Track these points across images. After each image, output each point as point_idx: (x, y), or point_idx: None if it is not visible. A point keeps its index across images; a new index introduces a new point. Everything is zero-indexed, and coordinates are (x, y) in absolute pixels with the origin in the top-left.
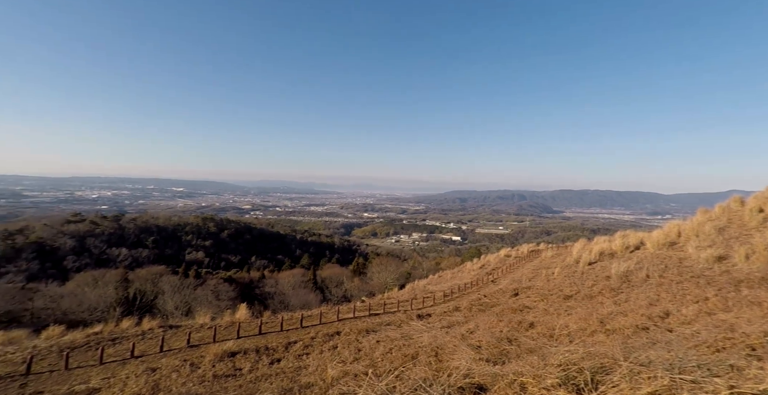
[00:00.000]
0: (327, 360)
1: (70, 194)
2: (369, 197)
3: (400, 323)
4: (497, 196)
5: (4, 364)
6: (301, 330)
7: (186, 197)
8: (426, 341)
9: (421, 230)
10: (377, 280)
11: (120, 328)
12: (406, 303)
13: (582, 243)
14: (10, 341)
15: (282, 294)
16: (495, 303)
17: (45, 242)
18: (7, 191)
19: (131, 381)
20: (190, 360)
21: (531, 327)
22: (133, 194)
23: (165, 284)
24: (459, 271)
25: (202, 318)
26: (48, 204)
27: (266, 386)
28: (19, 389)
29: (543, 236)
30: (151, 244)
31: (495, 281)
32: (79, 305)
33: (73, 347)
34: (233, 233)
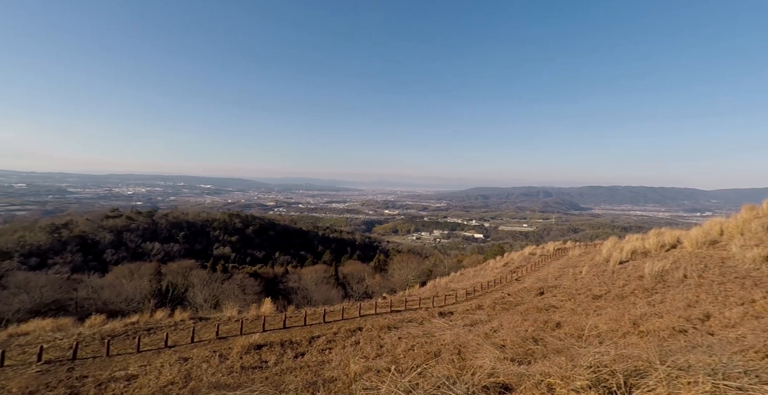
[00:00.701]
0: (350, 356)
1: (109, 190)
2: (390, 194)
3: (422, 320)
4: (521, 193)
5: (54, 349)
6: (324, 325)
7: (213, 193)
8: (448, 339)
9: (443, 227)
10: (398, 277)
11: (154, 319)
12: (427, 300)
13: (612, 241)
14: (59, 328)
15: (305, 290)
16: (519, 302)
17: (87, 236)
18: (54, 187)
19: (165, 369)
20: (219, 351)
21: (558, 326)
22: (165, 191)
23: (195, 278)
24: (481, 269)
25: (230, 311)
26: (89, 200)
27: (291, 378)
28: (67, 372)
29: (570, 233)
30: (181, 239)
31: (519, 280)
32: (117, 296)
33: (113, 335)
34: (258, 229)
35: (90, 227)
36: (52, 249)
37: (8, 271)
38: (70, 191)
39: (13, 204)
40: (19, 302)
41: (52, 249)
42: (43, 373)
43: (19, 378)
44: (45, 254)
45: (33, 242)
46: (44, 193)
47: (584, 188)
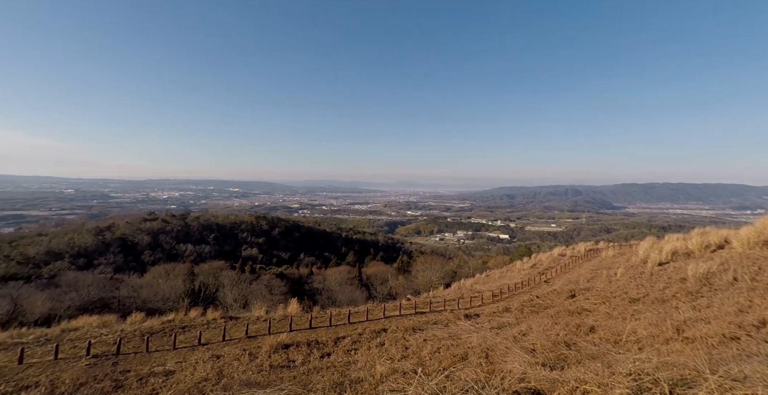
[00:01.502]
0: (375, 357)
1: (146, 195)
2: (412, 194)
3: (447, 322)
4: (548, 192)
5: (100, 344)
6: (349, 326)
7: (241, 196)
8: (475, 342)
9: (467, 228)
10: (422, 278)
11: (188, 317)
12: (452, 302)
13: (650, 241)
14: (104, 324)
15: (329, 290)
16: (549, 305)
17: (127, 238)
18: (98, 193)
19: (200, 366)
20: (249, 349)
21: (591, 331)
22: (196, 195)
23: (225, 279)
24: (508, 270)
25: (258, 311)
26: (129, 204)
27: (318, 378)
28: (112, 366)
29: (602, 234)
30: (212, 241)
31: (548, 282)
32: (154, 295)
33: (151, 332)
34: (283, 230)
35: (130, 229)
36: (97, 251)
37: (60, 271)
38: (112, 196)
39: (63, 209)
40: (69, 299)
41: (97, 251)
42: (91, 366)
43: (71, 371)
44: (91, 255)
45: (81, 244)
46: (90, 198)
47: (617, 186)
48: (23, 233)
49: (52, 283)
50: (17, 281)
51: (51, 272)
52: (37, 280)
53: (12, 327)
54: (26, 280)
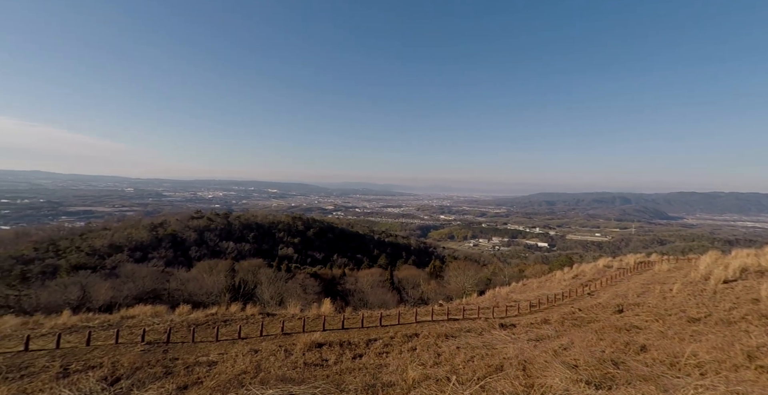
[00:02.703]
0: (407, 361)
1: (194, 194)
2: (445, 198)
3: (482, 331)
4: (593, 199)
5: (152, 332)
6: (381, 329)
7: (279, 197)
8: (511, 353)
9: (502, 234)
10: (455, 284)
11: (229, 311)
12: (487, 310)
13: (713, 256)
14: (156, 314)
15: (361, 292)
16: (593, 319)
17: (177, 234)
18: (153, 191)
19: (239, 359)
20: (285, 346)
21: (643, 350)
22: (238, 195)
23: (262, 276)
24: (547, 280)
25: (293, 309)
26: (179, 202)
27: (351, 379)
28: (163, 354)
29: (654, 245)
30: (251, 239)
31: (592, 295)
32: (199, 288)
33: (197, 324)
34: (318, 231)
35: (179, 226)
36: (151, 245)
37: (120, 262)
38: (164, 195)
39: (124, 206)
40: (127, 289)
41: (151, 245)
42: (145, 352)
43: (129, 355)
44: (146, 249)
45: (137, 238)
46: (146, 196)
47: (673, 195)
48: (91, 227)
49: (113, 273)
50: (86, 271)
51: (113, 263)
52: (101, 270)
53: (81, 312)
54: (93, 270)
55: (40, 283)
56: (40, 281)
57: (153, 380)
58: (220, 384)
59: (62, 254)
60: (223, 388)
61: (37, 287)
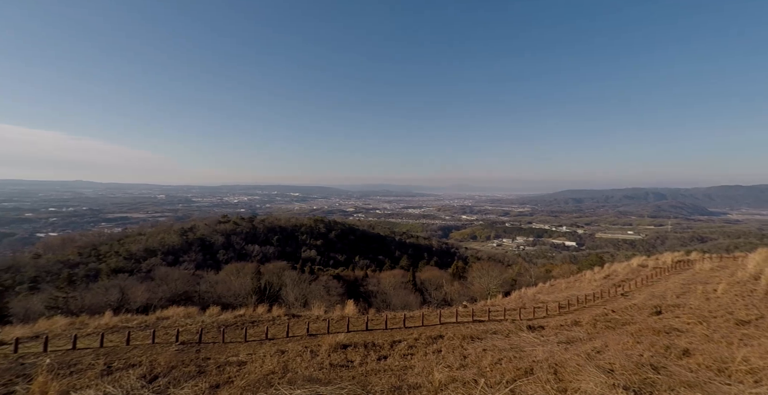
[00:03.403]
0: (433, 363)
1: (220, 199)
2: (467, 198)
3: (508, 333)
4: (624, 195)
5: (186, 332)
6: (404, 330)
7: (301, 200)
8: (541, 355)
9: (527, 233)
10: (478, 285)
11: (256, 313)
12: (513, 311)
13: (763, 254)
14: (188, 315)
15: (384, 293)
16: (628, 321)
17: (206, 238)
18: (183, 197)
19: (267, 359)
20: (310, 347)
21: (686, 354)
22: (262, 199)
23: (287, 278)
24: (576, 281)
25: (317, 311)
26: (207, 207)
27: (376, 380)
28: (195, 353)
29: (694, 243)
30: (275, 242)
31: (626, 295)
32: (227, 290)
33: (226, 325)
34: (339, 233)
35: (207, 230)
36: (182, 249)
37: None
38: (193, 200)
39: (157, 211)
40: (161, 291)
41: (182, 249)
42: (179, 352)
43: (165, 354)
44: (177, 253)
45: (169, 242)
46: (176, 202)
47: (714, 189)
48: (128, 232)
49: (148, 276)
50: (124, 274)
51: (148, 267)
52: (137, 273)
53: (121, 313)
54: (130, 273)
55: (84, 286)
56: (84, 284)
57: (187, 378)
58: (250, 384)
59: (103, 258)
60: (253, 388)
61: (81, 289)
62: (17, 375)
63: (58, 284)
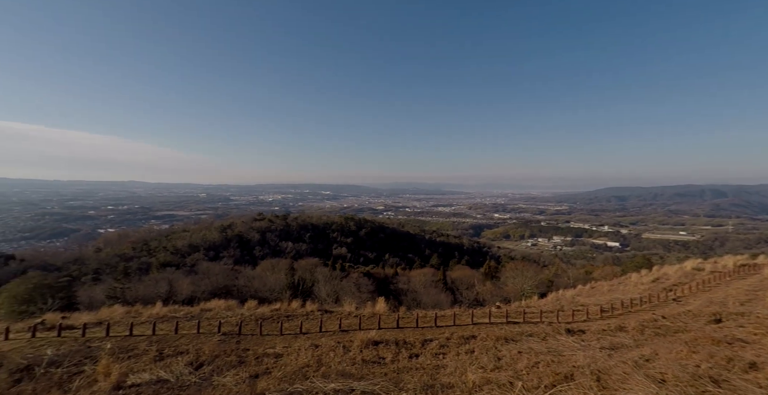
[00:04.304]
0: (465, 364)
1: (256, 197)
2: (500, 196)
3: (545, 335)
4: (675, 193)
5: (226, 324)
6: (436, 329)
7: (332, 199)
8: (582, 361)
9: (564, 233)
10: (512, 286)
11: (291, 307)
12: (550, 314)
13: None
14: (228, 307)
15: (414, 292)
16: (681, 328)
17: (243, 235)
18: (222, 196)
19: (302, 353)
20: (343, 342)
21: (752, 368)
22: (295, 197)
23: (319, 275)
24: (620, 283)
25: (348, 307)
26: (244, 206)
27: (408, 378)
28: (236, 344)
29: (761, 245)
30: (307, 239)
31: (678, 301)
32: (263, 285)
33: (263, 318)
34: (369, 231)
35: (244, 227)
36: (221, 245)
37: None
38: (231, 199)
39: (199, 209)
40: (204, 285)
41: (222, 245)
42: (222, 342)
43: (209, 344)
44: (217, 249)
45: (210, 239)
46: (216, 200)
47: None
48: (174, 229)
49: (192, 270)
50: (171, 268)
51: (192, 261)
52: (182, 268)
53: (169, 304)
54: (176, 267)
55: (137, 278)
56: (137, 276)
57: (229, 367)
58: (286, 376)
59: (153, 253)
60: (289, 379)
61: (135, 281)
62: (85, 356)
63: (116, 275)
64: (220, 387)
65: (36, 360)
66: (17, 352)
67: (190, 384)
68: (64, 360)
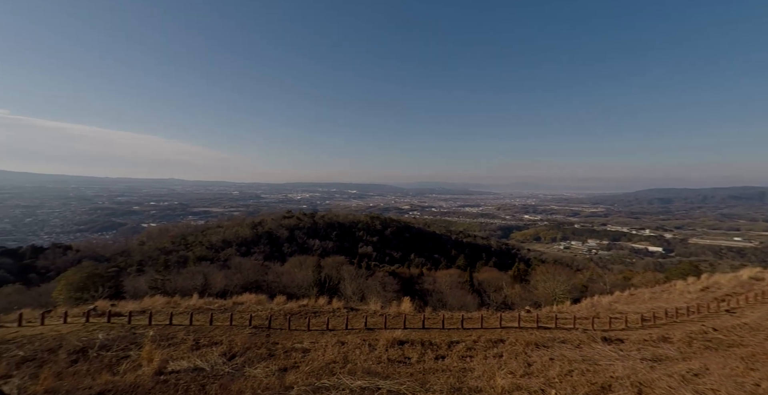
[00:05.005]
0: (494, 368)
1: (285, 196)
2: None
3: (579, 343)
4: (729, 195)
5: (257, 318)
6: (462, 331)
7: (358, 198)
8: (621, 371)
9: (600, 236)
10: (543, 290)
11: (318, 304)
12: (585, 320)
13: None
14: (258, 301)
15: (440, 293)
16: (736, 342)
17: (272, 232)
18: (253, 194)
19: (328, 349)
20: (368, 341)
21: None
22: (322, 196)
23: (345, 273)
24: (663, 291)
25: (374, 306)
26: (273, 203)
27: (435, 380)
28: (266, 337)
29: None
30: (334, 238)
31: (732, 312)
32: (291, 281)
33: (291, 313)
34: (395, 231)
35: (274, 224)
36: (252, 241)
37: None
38: (262, 197)
39: (232, 206)
40: (236, 279)
41: (253, 241)
42: (253, 335)
43: (241, 336)
44: (249, 245)
45: (242, 235)
46: (248, 198)
47: None
48: (209, 225)
49: (225, 265)
50: (206, 262)
51: (225, 256)
52: (216, 262)
53: (205, 296)
54: (211, 261)
55: (176, 270)
56: (176, 269)
57: (260, 360)
58: (313, 370)
59: (190, 247)
60: (316, 374)
61: (174, 273)
62: (131, 342)
63: (157, 268)
64: (251, 378)
65: (89, 343)
66: (74, 335)
67: (223, 373)
68: (113, 344)
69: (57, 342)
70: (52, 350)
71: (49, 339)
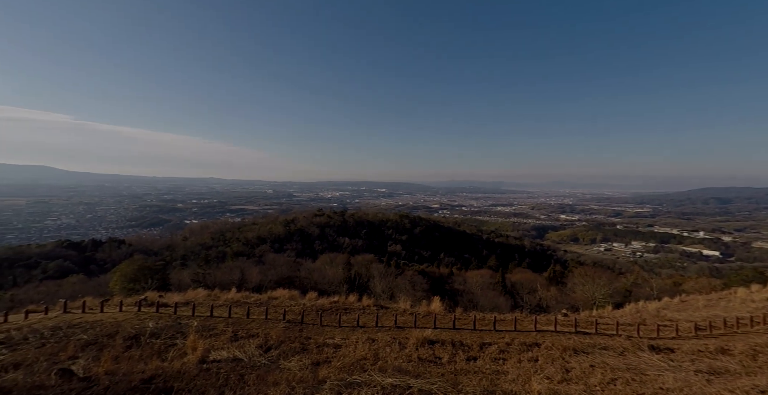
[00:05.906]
0: (529, 372)
1: (316, 194)
2: (567, 196)
3: (623, 350)
4: None
5: (290, 313)
6: (495, 333)
7: (387, 196)
8: (671, 383)
9: (646, 238)
10: (581, 293)
11: (348, 301)
12: (629, 327)
13: None
14: (291, 297)
15: (470, 293)
16: None
17: (304, 230)
18: (286, 192)
19: (359, 345)
20: (398, 339)
21: None
22: (352, 194)
23: (374, 270)
24: (721, 299)
25: (403, 304)
26: (305, 202)
27: (467, 381)
28: (299, 332)
29: None
30: (363, 236)
31: None
32: (322, 278)
33: (323, 309)
34: (424, 230)
35: (305, 222)
36: (285, 238)
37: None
38: (294, 195)
39: (266, 204)
40: (270, 275)
41: (286, 238)
42: (286, 329)
43: (275, 329)
44: (282, 242)
45: (276, 232)
46: (281, 197)
47: None
48: (245, 222)
49: (260, 261)
50: (242, 257)
51: (260, 252)
52: (252, 257)
53: (242, 291)
54: (247, 257)
55: (216, 265)
56: (216, 264)
57: (293, 353)
58: (345, 366)
59: (228, 243)
60: (348, 370)
61: (214, 268)
62: (177, 331)
63: (199, 262)
64: (286, 371)
65: (141, 331)
66: (128, 323)
67: (260, 365)
68: (162, 332)
69: (114, 328)
70: (110, 335)
71: (107, 325)
